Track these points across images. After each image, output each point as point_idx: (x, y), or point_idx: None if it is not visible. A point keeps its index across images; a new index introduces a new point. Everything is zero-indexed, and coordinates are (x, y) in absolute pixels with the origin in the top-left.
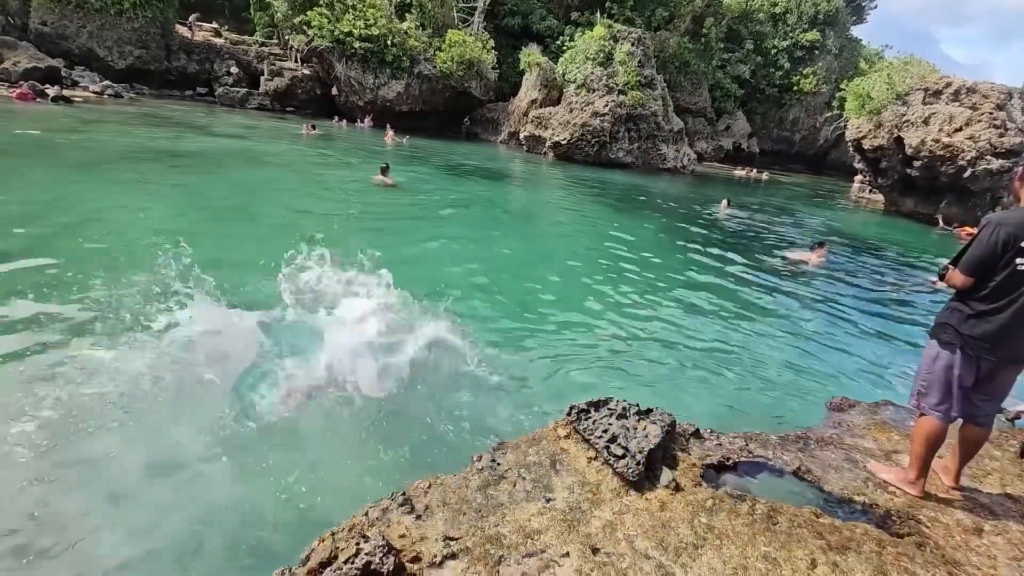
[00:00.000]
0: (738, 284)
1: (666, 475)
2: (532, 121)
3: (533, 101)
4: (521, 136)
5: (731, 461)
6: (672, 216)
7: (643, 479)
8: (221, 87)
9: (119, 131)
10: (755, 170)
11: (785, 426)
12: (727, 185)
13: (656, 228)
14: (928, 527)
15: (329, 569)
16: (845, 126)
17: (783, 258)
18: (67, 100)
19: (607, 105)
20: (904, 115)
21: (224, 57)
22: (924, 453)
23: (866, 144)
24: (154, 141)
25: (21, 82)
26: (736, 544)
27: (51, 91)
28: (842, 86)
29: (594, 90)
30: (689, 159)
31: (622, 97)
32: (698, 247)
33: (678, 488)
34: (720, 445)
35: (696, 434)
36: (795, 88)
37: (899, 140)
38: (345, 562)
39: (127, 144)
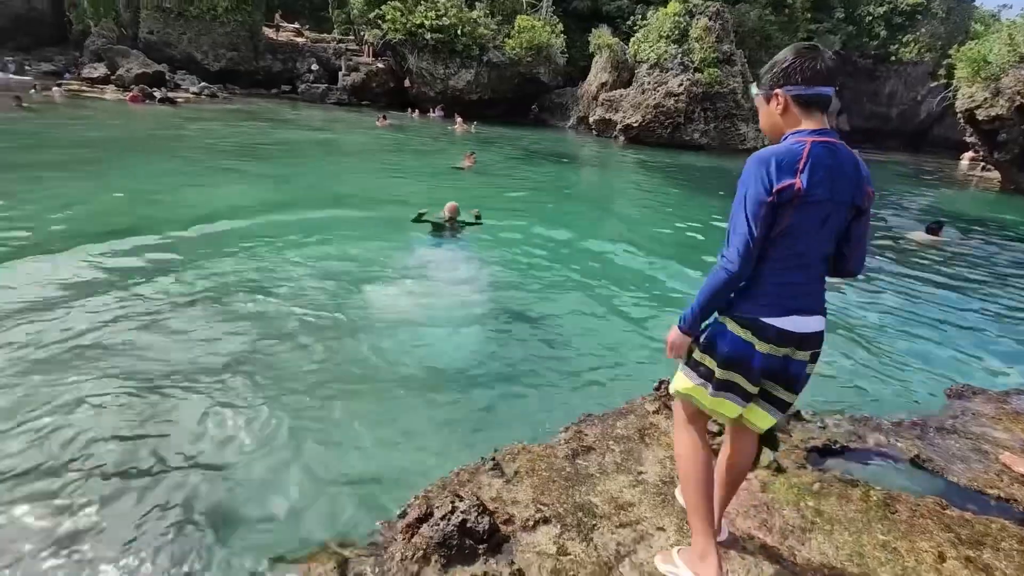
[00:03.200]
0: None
1: (766, 455)
2: (602, 104)
3: (603, 84)
4: (590, 120)
5: (838, 445)
6: None
7: None
8: (303, 84)
9: (217, 127)
10: None
11: (895, 413)
12: None
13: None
14: None
15: (426, 525)
16: (954, 96)
17: (899, 238)
18: (172, 101)
19: (682, 84)
20: None
21: (305, 55)
22: None
23: (980, 115)
24: (247, 135)
25: (133, 86)
26: (849, 531)
27: (158, 94)
28: (951, 53)
29: (668, 69)
30: None
31: (698, 75)
32: None
33: (780, 469)
34: (824, 428)
35: (797, 416)
36: (893, 58)
37: (1021, 108)
38: (442, 518)
39: (224, 138)
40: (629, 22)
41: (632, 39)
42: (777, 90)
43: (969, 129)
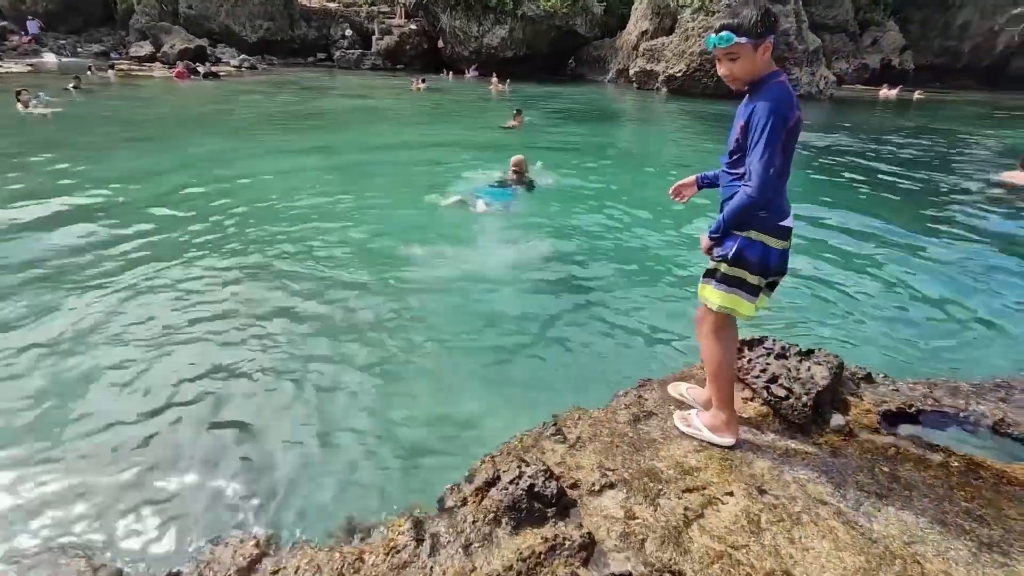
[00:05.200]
0: (909, 216)
1: (837, 419)
2: (643, 55)
3: (644, 32)
4: (631, 72)
5: (913, 409)
6: (813, 147)
7: (810, 422)
8: (338, 51)
9: (259, 98)
10: (897, 88)
11: (976, 376)
12: (870, 109)
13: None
14: None
15: (495, 488)
16: None
17: (982, 182)
18: (215, 75)
19: None
20: None
21: (339, 21)
22: None
23: None
24: (289, 105)
25: (178, 62)
26: (930, 497)
27: (202, 69)
28: None
29: (713, 12)
30: (827, 82)
31: None
32: (848, 174)
33: (851, 434)
34: (897, 391)
35: (868, 378)
36: None
37: None
38: (510, 482)
39: (268, 109)
40: None
41: None
42: (769, 37)
43: None
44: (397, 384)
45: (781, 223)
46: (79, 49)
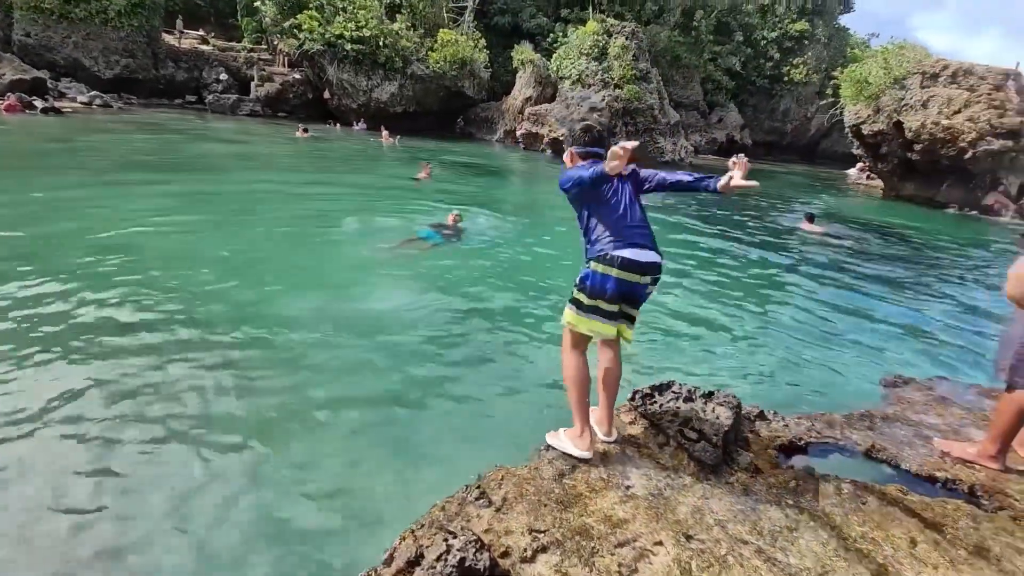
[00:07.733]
0: (750, 266)
1: (744, 458)
2: (529, 118)
3: (528, 99)
4: (518, 134)
5: (802, 442)
6: (675, 206)
7: (721, 463)
8: (211, 94)
9: (113, 139)
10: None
11: (841, 407)
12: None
13: (660, 217)
14: (1019, 501)
15: (419, 568)
16: (841, 113)
17: (786, 234)
18: (57, 111)
19: (604, 99)
20: (903, 99)
21: (212, 64)
22: (1011, 428)
23: (865, 130)
24: (149, 148)
25: (8, 94)
26: (831, 525)
27: (40, 103)
28: (834, 74)
29: (590, 85)
30: (687, 151)
31: (618, 91)
32: (704, 235)
33: (757, 471)
34: (787, 426)
35: (761, 416)
36: (786, 79)
37: (898, 124)
38: (437, 559)
39: (123, 152)
40: (549, 39)
41: (553, 56)
42: (570, 149)
43: (856, 142)
44: (294, 455)
45: (614, 252)
46: None
